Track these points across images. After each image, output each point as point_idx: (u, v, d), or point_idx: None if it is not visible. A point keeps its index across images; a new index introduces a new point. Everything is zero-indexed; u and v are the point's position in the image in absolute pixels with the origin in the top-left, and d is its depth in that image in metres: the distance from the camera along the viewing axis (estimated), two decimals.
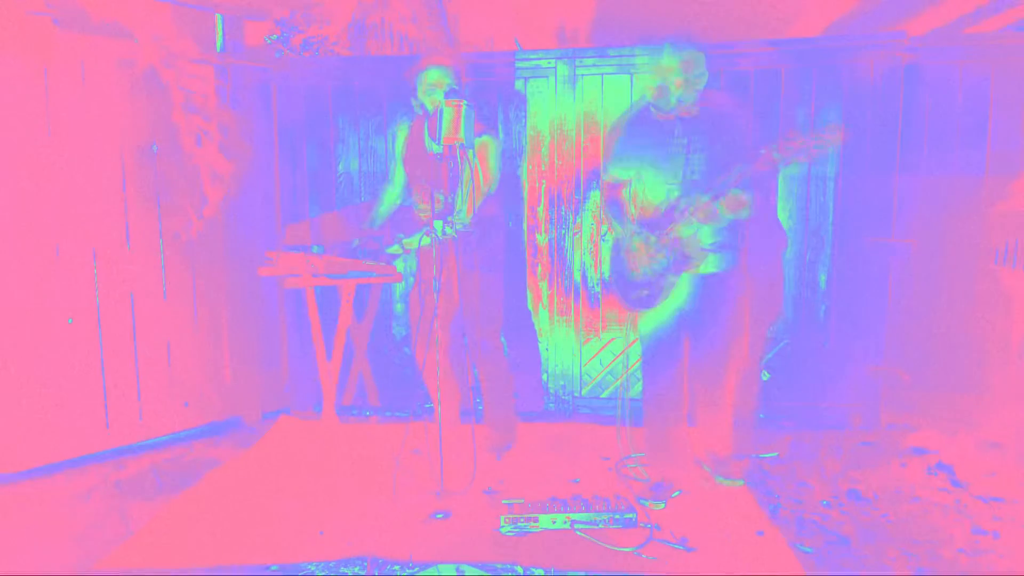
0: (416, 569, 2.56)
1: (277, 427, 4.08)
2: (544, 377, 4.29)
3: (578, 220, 4.15)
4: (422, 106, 3.23)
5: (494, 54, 4.20)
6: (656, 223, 3.00)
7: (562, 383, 4.28)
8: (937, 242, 3.88)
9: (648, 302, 3.05)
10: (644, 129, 3.04)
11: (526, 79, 4.10)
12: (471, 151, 2.97)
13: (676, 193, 2.97)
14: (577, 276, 4.20)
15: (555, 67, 4.06)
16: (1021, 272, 3.61)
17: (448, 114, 2.82)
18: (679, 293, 3.06)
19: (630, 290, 3.08)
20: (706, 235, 2.97)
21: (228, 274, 4.14)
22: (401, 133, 3.47)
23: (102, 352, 3.70)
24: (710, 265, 3.01)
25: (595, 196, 4.11)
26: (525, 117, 4.12)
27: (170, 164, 3.83)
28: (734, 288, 3.09)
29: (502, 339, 3.56)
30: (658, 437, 3.24)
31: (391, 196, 3.57)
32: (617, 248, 3.18)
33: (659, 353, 3.18)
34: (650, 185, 3.03)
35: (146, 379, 3.87)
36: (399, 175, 3.52)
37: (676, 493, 3.14)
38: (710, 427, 3.27)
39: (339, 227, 4.29)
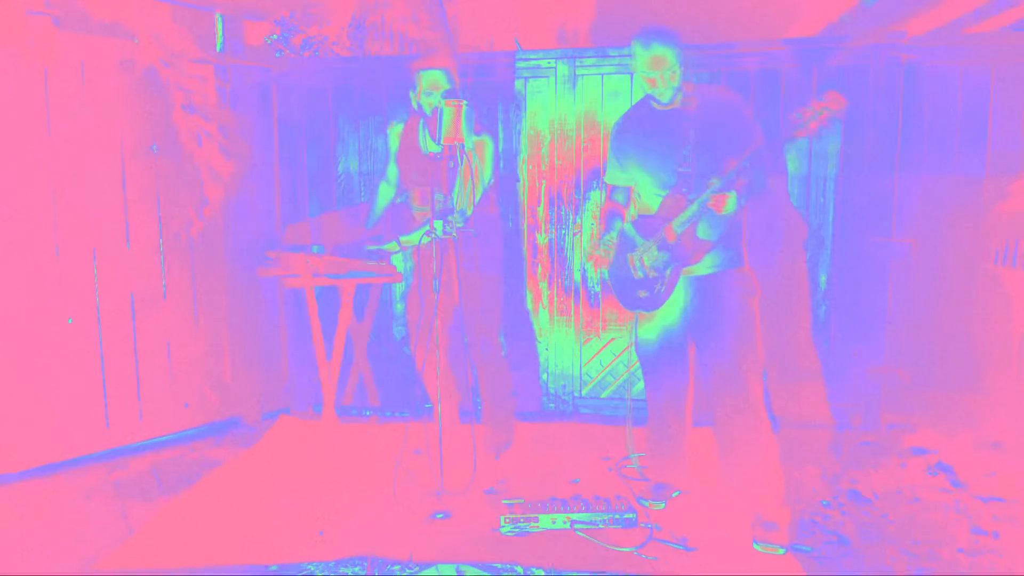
0: (416, 569, 2.56)
1: (277, 427, 4.08)
2: (544, 377, 4.29)
3: (578, 220, 4.15)
4: (419, 106, 3.23)
5: (494, 54, 4.20)
6: (652, 225, 2.86)
7: (562, 383, 4.28)
8: (937, 242, 3.88)
9: (649, 303, 2.90)
10: (638, 124, 2.92)
11: (526, 79, 4.10)
12: (471, 150, 2.98)
13: (668, 192, 2.82)
14: (577, 276, 4.20)
15: (555, 67, 4.06)
16: (1021, 272, 3.61)
17: (448, 114, 2.82)
18: (680, 296, 2.89)
19: (630, 290, 2.95)
20: (703, 230, 2.80)
21: (228, 274, 4.14)
22: (395, 131, 3.46)
23: (102, 352, 3.70)
24: (707, 266, 2.83)
25: (595, 196, 4.11)
26: (525, 117, 4.12)
27: (170, 164, 3.83)
28: (736, 289, 2.81)
29: (501, 339, 3.56)
30: (660, 439, 3.18)
31: (387, 193, 3.58)
32: (615, 248, 3.05)
33: (660, 359, 3.02)
34: (646, 184, 2.92)
35: (146, 379, 3.87)
36: (393, 172, 3.52)
37: (676, 493, 3.14)
38: (749, 476, 2.80)
39: (339, 227, 4.29)
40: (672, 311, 2.92)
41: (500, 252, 3.49)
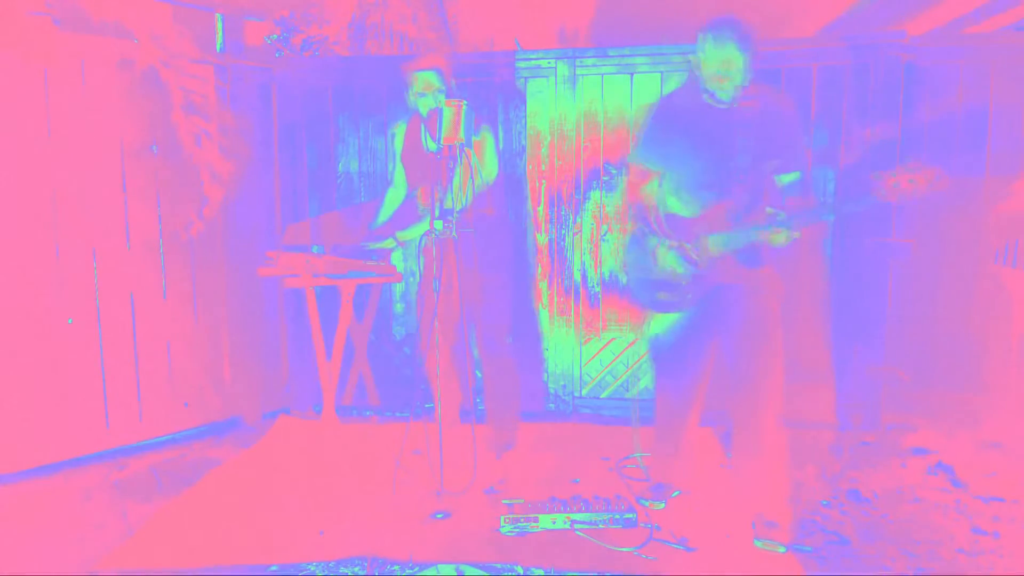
0: (416, 569, 2.56)
1: (277, 427, 4.08)
2: (544, 377, 4.29)
3: (578, 220, 4.15)
4: (415, 107, 3.24)
5: (494, 54, 4.20)
6: (687, 229, 2.74)
7: (562, 383, 4.27)
8: (937, 242, 3.88)
9: (669, 307, 2.82)
10: (687, 115, 2.73)
11: (526, 79, 4.10)
12: (470, 148, 2.98)
13: (713, 195, 2.69)
14: (577, 276, 4.20)
15: (555, 67, 4.06)
16: (1021, 272, 3.61)
17: (448, 114, 2.83)
18: (705, 298, 2.79)
19: (652, 290, 2.84)
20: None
21: (228, 274, 4.14)
22: (399, 132, 3.47)
23: (102, 352, 3.70)
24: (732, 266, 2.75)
25: (595, 196, 4.11)
26: (525, 117, 4.12)
27: (170, 164, 3.83)
28: (761, 290, 2.73)
29: (509, 340, 3.54)
30: (665, 437, 3.13)
31: (394, 198, 3.57)
32: (637, 244, 2.90)
33: (675, 356, 2.95)
34: (682, 181, 2.77)
35: (146, 379, 3.87)
36: (399, 175, 3.53)
37: (676, 493, 3.14)
38: (756, 478, 2.78)
39: (339, 227, 4.29)
40: (691, 309, 2.84)
41: (508, 253, 3.48)
